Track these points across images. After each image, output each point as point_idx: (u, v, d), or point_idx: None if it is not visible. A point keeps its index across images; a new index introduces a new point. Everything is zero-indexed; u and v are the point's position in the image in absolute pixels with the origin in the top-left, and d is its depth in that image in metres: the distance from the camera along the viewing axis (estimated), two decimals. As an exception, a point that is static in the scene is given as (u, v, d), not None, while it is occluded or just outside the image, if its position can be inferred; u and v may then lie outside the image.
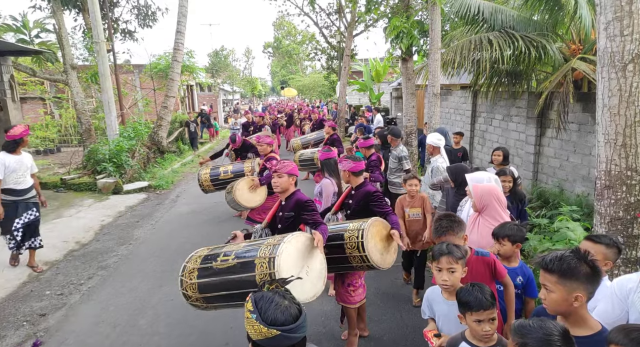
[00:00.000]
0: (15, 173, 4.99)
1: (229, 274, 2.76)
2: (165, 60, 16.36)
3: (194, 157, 14.14)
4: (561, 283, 1.69)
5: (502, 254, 2.73)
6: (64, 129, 16.19)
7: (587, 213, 5.34)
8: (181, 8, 12.12)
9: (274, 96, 67.26)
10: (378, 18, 14.76)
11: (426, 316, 2.48)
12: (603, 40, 2.93)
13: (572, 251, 1.75)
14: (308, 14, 20.85)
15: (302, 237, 2.83)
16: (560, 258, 1.71)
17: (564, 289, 1.68)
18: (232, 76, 41.64)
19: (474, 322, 1.95)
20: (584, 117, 6.23)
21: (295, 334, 1.37)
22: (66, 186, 9.50)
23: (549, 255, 1.77)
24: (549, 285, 1.73)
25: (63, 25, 11.41)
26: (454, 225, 2.58)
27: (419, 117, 11.71)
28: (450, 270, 2.23)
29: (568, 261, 1.69)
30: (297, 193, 3.28)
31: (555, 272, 1.70)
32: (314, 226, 3.05)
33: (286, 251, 2.63)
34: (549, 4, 6.82)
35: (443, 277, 2.24)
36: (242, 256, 2.78)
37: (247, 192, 5.64)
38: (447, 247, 2.26)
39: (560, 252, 1.75)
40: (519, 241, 2.71)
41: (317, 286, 2.78)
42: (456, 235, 2.55)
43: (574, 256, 1.71)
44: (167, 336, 3.85)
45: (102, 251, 6.08)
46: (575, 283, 1.67)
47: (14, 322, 4.13)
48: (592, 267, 1.69)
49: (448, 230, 2.56)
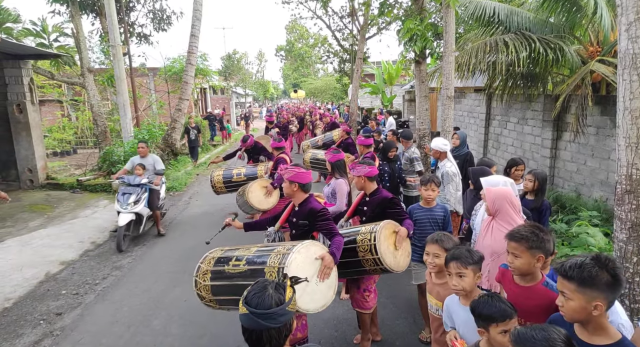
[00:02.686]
0: None
1: (240, 279, 2.77)
2: (180, 63, 16.55)
3: (193, 168, 12.60)
4: (580, 291, 1.63)
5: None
6: (80, 131, 16.51)
7: (606, 218, 5.22)
8: (195, 12, 12.26)
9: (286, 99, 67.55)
10: (391, 21, 14.74)
11: (448, 327, 2.41)
12: (624, 42, 2.86)
13: (593, 257, 1.68)
14: (321, 17, 20.91)
15: (313, 247, 2.79)
16: (580, 266, 1.65)
17: (583, 298, 1.63)
18: (245, 79, 41.96)
19: (500, 333, 1.86)
20: (603, 121, 6.11)
21: (262, 321, 1.46)
22: (82, 186, 9.67)
23: (569, 261, 1.71)
24: (568, 293, 1.67)
25: (81, 29, 11.65)
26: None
27: (431, 120, 11.62)
28: (459, 275, 2.21)
29: (589, 268, 1.63)
30: (312, 201, 3.18)
31: (574, 280, 1.65)
32: (329, 236, 3.00)
33: (295, 261, 2.60)
34: (566, 6, 6.72)
35: (452, 281, 2.24)
36: (253, 262, 2.78)
37: (260, 194, 5.66)
38: (456, 253, 2.27)
39: (580, 259, 1.68)
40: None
41: (327, 296, 2.76)
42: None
43: (594, 263, 1.65)
44: (180, 337, 3.87)
45: (116, 251, 6.16)
46: (596, 292, 1.61)
47: (31, 321, 4.20)
48: (614, 276, 1.63)
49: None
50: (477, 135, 10.35)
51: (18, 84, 9.22)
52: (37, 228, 6.92)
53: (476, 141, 10.35)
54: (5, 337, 3.92)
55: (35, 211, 7.83)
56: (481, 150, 10.14)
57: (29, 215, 7.65)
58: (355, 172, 3.53)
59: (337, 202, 4.39)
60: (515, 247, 2.18)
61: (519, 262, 2.18)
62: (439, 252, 2.58)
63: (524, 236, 2.18)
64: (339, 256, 2.87)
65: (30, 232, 6.58)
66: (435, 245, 2.61)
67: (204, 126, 17.43)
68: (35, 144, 9.54)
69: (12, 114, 9.24)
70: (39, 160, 9.69)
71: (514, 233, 2.23)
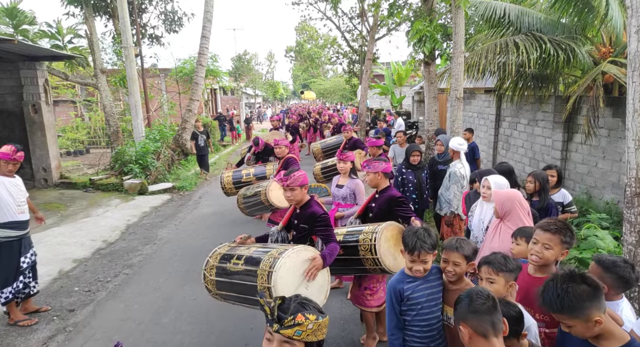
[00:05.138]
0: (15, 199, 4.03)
1: (238, 277, 2.87)
2: (190, 64, 16.72)
3: (201, 176, 11.37)
4: (574, 317, 1.64)
5: (515, 254, 2.60)
6: (93, 131, 16.78)
7: (617, 221, 5.16)
8: (206, 13, 12.39)
9: (295, 100, 67.70)
10: (401, 22, 14.70)
11: None
12: (634, 44, 2.85)
13: (563, 278, 1.67)
14: (330, 18, 20.97)
15: (304, 252, 2.83)
16: (558, 296, 1.65)
17: (581, 322, 1.64)
18: (255, 80, 42.19)
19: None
20: (615, 122, 6.04)
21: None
22: (94, 186, 9.83)
23: (545, 292, 1.70)
24: (565, 322, 1.69)
25: (94, 31, 11.87)
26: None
27: (441, 121, 11.58)
28: (489, 280, 2.18)
29: (568, 296, 1.63)
30: (313, 205, 3.18)
31: (564, 312, 1.66)
32: (326, 242, 3.02)
33: (284, 266, 2.65)
34: (578, 6, 6.65)
35: (482, 286, 2.19)
36: (249, 262, 2.86)
37: (280, 193, 5.66)
38: (490, 257, 2.23)
39: (553, 288, 1.67)
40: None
41: (318, 300, 2.78)
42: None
43: (567, 285, 1.64)
44: (189, 334, 3.93)
45: (127, 249, 6.26)
46: (587, 310, 1.61)
47: (45, 317, 4.30)
48: (590, 285, 1.63)
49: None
50: (487, 137, 10.29)
51: (33, 85, 9.42)
52: (51, 226, 7.06)
53: (486, 142, 10.28)
54: (20, 332, 4.02)
55: (49, 209, 7.99)
56: (491, 152, 10.07)
57: (43, 213, 7.64)
58: (372, 169, 3.52)
59: (359, 201, 4.40)
60: (550, 239, 2.22)
61: (549, 254, 2.22)
62: (459, 261, 2.35)
63: (561, 229, 2.22)
64: (330, 262, 2.90)
65: (44, 230, 6.71)
66: (455, 253, 2.35)
67: (214, 126, 17.56)
68: (50, 143, 9.73)
69: (28, 114, 9.43)
70: (53, 160, 9.88)
71: (550, 225, 2.26)
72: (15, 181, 4.11)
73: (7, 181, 3.98)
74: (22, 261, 4.09)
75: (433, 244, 2.32)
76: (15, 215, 4.00)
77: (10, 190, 3.98)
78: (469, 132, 7.31)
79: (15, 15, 13.65)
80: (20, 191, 4.11)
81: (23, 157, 4.07)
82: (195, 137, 10.99)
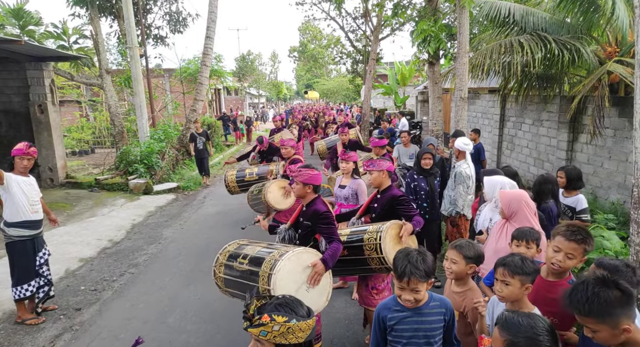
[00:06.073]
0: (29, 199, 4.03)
1: (243, 277, 2.89)
2: (195, 64, 16.77)
3: (204, 183, 10.64)
4: (602, 322, 1.56)
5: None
6: (98, 131, 16.86)
7: (623, 222, 5.13)
8: (211, 14, 12.43)
9: (299, 100, 67.73)
10: (405, 22, 14.67)
11: (491, 328, 2.24)
12: (641, 44, 2.84)
13: (595, 281, 1.59)
14: (334, 18, 20.95)
15: (305, 254, 2.83)
16: (587, 299, 1.56)
17: (608, 328, 1.55)
18: (258, 80, 42.25)
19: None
20: (621, 122, 6.00)
21: None
22: (100, 185, 9.89)
23: (573, 294, 1.62)
24: (591, 326, 1.60)
25: (99, 31, 11.92)
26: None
27: (445, 121, 11.56)
28: (504, 282, 2.11)
29: (598, 301, 1.54)
30: (317, 203, 3.19)
31: (591, 316, 1.57)
32: (328, 241, 3.03)
33: (284, 268, 2.66)
34: (584, 6, 6.62)
35: (497, 287, 2.16)
36: (253, 263, 2.88)
37: (278, 194, 5.69)
38: (507, 259, 2.14)
39: (583, 291, 1.58)
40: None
41: (319, 303, 2.81)
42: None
43: (599, 289, 1.56)
44: (195, 334, 3.95)
45: (133, 249, 6.30)
46: (616, 317, 1.54)
47: (52, 315, 4.33)
48: (623, 291, 1.56)
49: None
50: (492, 137, 10.25)
51: (40, 85, 9.49)
52: (57, 225, 7.10)
53: (490, 142, 10.25)
54: (27, 330, 4.05)
55: (55, 209, 8.02)
56: (495, 152, 10.04)
57: (49, 213, 7.86)
58: (377, 167, 3.53)
59: (361, 202, 4.43)
60: (574, 249, 2.17)
61: (571, 263, 2.19)
62: (456, 259, 2.41)
63: (585, 238, 2.17)
64: (333, 263, 2.88)
65: (51, 230, 6.75)
66: (454, 250, 2.45)
67: (218, 126, 17.59)
68: (56, 143, 9.79)
69: (34, 114, 9.50)
70: (59, 160, 9.95)
71: (575, 234, 2.18)
72: (30, 180, 4.11)
73: (21, 179, 4.00)
74: (38, 260, 4.15)
75: (427, 271, 1.98)
76: (28, 214, 4.02)
77: (24, 189, 4.00)
78: (475, 133, 7.27)
79: (21, 16, 13.75)
80: (34, 190, 4.12)
81: (36, 152, 4.10)
82: (193, 139, 10.29)
